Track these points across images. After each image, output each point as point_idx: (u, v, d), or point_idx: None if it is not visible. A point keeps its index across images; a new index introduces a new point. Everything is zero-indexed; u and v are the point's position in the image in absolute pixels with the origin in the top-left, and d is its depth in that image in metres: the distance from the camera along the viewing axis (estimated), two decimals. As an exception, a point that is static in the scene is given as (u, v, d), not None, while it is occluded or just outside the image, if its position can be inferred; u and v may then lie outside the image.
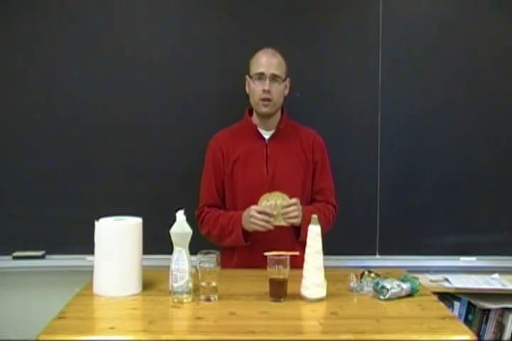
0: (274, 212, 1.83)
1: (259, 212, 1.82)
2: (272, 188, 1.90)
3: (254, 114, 2.06)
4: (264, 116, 2.02)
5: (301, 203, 1.88)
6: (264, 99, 1.96)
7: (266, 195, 1.85)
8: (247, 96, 2.05)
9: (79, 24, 2.30)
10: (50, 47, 2.31)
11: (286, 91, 2.05)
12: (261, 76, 1.96)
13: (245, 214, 1.86)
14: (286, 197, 1.85)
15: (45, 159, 2.32)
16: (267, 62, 1.97)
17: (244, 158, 2.01)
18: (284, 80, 2.01)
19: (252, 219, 1.83)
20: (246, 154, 2.01)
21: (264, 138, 2.04)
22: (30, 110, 2.32)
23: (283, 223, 1.84)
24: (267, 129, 2.05)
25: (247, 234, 1.90)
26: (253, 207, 1.84)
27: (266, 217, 1.82)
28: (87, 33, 2.31)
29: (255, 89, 1.97)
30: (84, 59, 2.31)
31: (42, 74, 2.32)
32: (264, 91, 1.95)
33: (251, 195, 1.89)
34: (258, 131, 2.05)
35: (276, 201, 1.84)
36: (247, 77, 2.03)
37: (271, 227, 1.83)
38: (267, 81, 1.95)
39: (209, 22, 2.35)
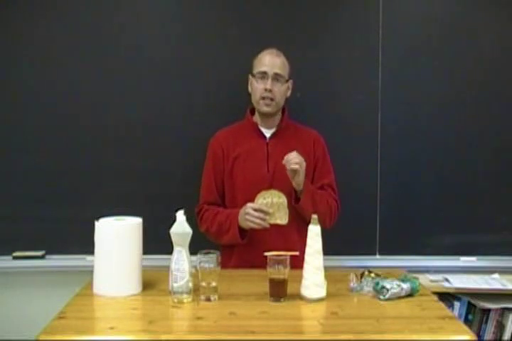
0: (271, 210, 1.83)
1: (255, 210, 1.82)
2: (272, 186, 1.91)
3: (256, 113, 2.07)
4: (266, 116, 2.02)
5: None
6: (265, 98, 1.96)
7: (263, 193, 1.86)
8: (249, 95, 2.05)
9: (79, 24, 2.30)
10: (50, 47, 2.31)
11: (289, 93, 2.06)
12: (264, 75, 1.97)
13: (241, 211, 1.87)
14: (282, 195, 1.85)
15: (45, 159, 2.32)
16: (270, 61, 1.98)
17: (245, 156, 2.01)
18: (287, 81, 2.01)
19: (247, 217, 1.83)
20: (247, 152, 2.02)
21: (265, 137, 2.05)
22: (30, 110, 2.32)
23: (279, 221, 1.84)
24: (268, 128, 2.06)
25: (243, 231, 1.90)
26: (249, 205, 1.84)
27: (262, 215, 1.82)
28: (87, 32, 2.30)
29: (257, 87, 1.98)
30: (84, 59, 2.31)
31: (42, 74, 2.32)
32: (266, 90, 1.95)
33: (251, 192, 1.89)
34: (259, 129, 2.05)
35: (272, 199, 1.85)
36: (249, 76, 2.04)
37: (267, 225, 1.83)
38: (270, 80, 1.95)
39: (210, 22, 2.34)
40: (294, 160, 1.82)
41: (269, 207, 1.84)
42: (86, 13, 2.31)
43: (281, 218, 1.85)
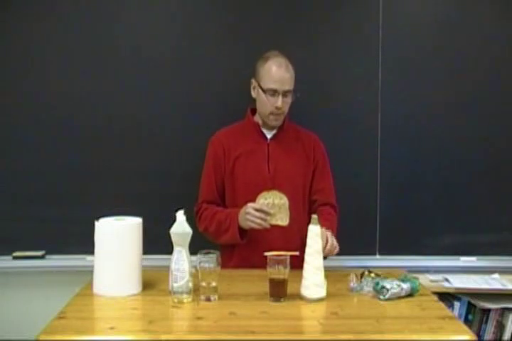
0: (272, 211, 1.83)
1: (256, 210, 1.82)
2: (272, 187, 1.90)
3: (257, 113, 2.07)
4: None
5: (301, 202, 1.88)
6: (274, 114, 1.97)
7: (264, 193, 1.86)
8: (250, 96, 2.04)
9: (79, 24, 2.30)
10: (50, 47, 2.31)
11: None
12: (274, 92, 1.94)
13: (242, 211, 1.86)
14: (283, 196, 1.85)
15: (45, 159, 2.32)
16: (280, 78, 1.94)
17: (246, 156, 2.01)
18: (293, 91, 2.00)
19: (248, 216, 1.83)
20: (247, 152, 2.02)
21: (266, 137, 2.05)
22: (30, 110, 2.32)
23: (280, 222, 1.84)
24: (269, 129, 2.06)
25: (243, 231, 1.90)
26: (250, 205, 1.84)
27: (263, 215, 1.82)
28: (87, 32, 2.30)
29: (267, 103, 1.96)
30: (84, 59, 2.31)
31: (42, 74, 2.31)
32: (277, 108, 1.94)
33: (251, 193, 1.89)
34: (260, 130, 2.05)
35: (273, 200, 1.85)
36: (253, 80, 2.02)
37: (267, 226, 1.83)
38: (280, 98, 1.94)
39: (210, 22, 2.34)
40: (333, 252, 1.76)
41: (270, 207, 1.84)
42: (85, 12, 2.30)
43: (282, 219, 1.85)
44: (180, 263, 1.55)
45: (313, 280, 1.56)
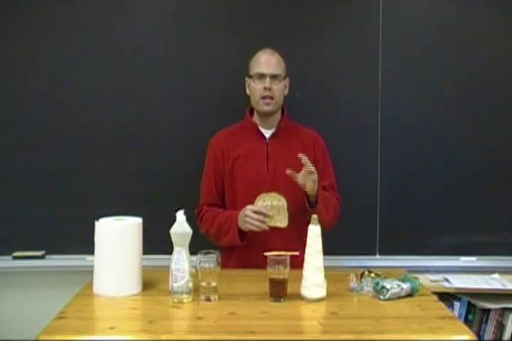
0: (270, 213, 1.83)
1: (255, 212, 1.82)
2: (272, 187, 1.90)
3: (255, 113, 2.07)
4: (265, 115, 2.02)
5: (301, 201, 1.89)
6: (265, 97, 1.97)
7: (262, 195, 1.85)
8: (248, 97, 2.05)
9: (79, 24, 2.30)
10: (50, 47, 2.31)
11: (286, 91, 2.06)
12: (261, 76, 1.97)
13: (241, 213, 1.86)
14: (282, 198, 1.85)
15: (45, 159, 2.32)
16: (266, 61, 1.98)
17: (245, 157, 2.01)
18: (284, 79, 2.02)
19: (247, 219, 1.83)
20: (246, 153, 2.02)
21: (264, 137, 2.05)
22: (30, 110, 2.32)
23: (278, 224, 1.84)
24: (268, 128, 2.06)
25: (243, 233, 1.90)
26: (249, 207, 1.83)
27: (261, 217, 1.82)
28: (87, 32, 2.31)
29: (256, 88, 1.98)
30: (84, 59, 2.31)
31: (42, 74, 2.32)
32: (265, 88, 1.95)
33: (251, 193, 1.89)
34: (259, 130, 2.05)
35: (272, 202, 1.84)
36: (246, 78, 2.04)
37: (266, 228, 1.83)
38: (268, 79, 1.96)
39: (209, 22, 2.34)
40: (314, 170, 1.81)
41: (268, 209, 1.83)
42: (86, 13, 2.31)
43: (281, 221, 1.85)
44: (180, 263, 1.55)
45: (313, 280, 1.56)
